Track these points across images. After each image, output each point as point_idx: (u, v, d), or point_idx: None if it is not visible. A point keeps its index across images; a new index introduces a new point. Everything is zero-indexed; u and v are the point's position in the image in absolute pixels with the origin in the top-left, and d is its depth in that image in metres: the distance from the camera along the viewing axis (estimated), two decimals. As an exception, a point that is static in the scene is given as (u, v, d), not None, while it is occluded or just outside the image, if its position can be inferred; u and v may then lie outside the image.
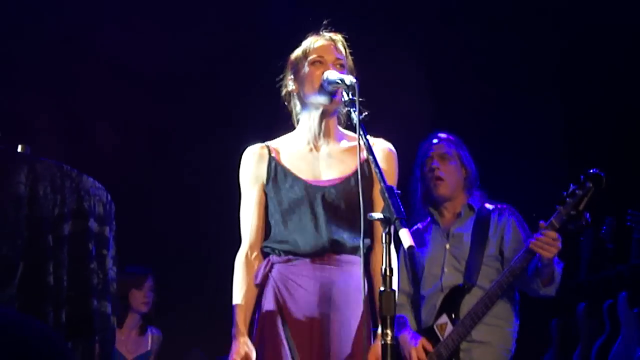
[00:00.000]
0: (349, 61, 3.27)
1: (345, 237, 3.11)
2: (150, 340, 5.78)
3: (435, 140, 4.32)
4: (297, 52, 3.27)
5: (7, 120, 5.27)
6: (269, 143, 3.30)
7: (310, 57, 3.19)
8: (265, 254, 3.22)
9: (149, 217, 6.03)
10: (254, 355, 3.04)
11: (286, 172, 3.18)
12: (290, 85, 3.29)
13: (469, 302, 4.04)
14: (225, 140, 3.81)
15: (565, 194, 3.87)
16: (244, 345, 3.05)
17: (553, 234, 3.79)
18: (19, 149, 2.72)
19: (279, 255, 3.15)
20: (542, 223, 3.82)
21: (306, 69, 3.19)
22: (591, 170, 3.85)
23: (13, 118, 5.44)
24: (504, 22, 6.27)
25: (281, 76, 3.33)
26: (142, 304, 5.72)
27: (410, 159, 4.36)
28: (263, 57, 4.97)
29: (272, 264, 3.16)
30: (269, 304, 3.11)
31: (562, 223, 3.83)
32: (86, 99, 5.99)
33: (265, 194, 3.22)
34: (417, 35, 6.27)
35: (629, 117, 6.21)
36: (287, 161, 3.22)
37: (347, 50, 3.28)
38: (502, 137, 6.08)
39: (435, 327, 4.09)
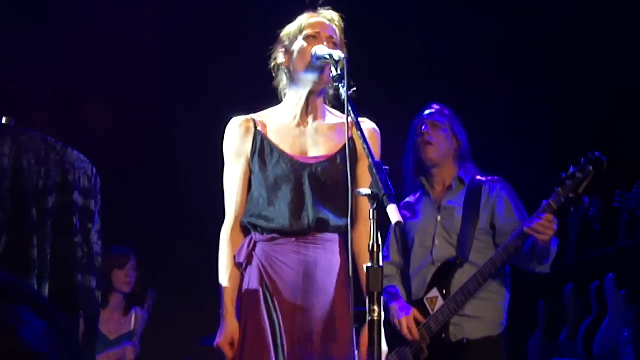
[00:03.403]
0: (342, 41, 3.24)
1: (330, 216, 3.09)
2: (133, 320, 5.75)
3: (427, 111, 4.31)
4: (291, 27, 3.24)
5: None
6: (254, 116, 3.25)
7: (305, 32, 3.16)
8: (245, 230, 3.19)
9: (133, 195, 6.00)
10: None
11: (272, 147, 3.15)
12: (280, 58, 3.25)
13: (460, 277, 4.05)
14: (212, 116, 3.78)
15: (563, 175, 3.85)
16: (231, 330, 3.04)
17: (549, 217, 3.78)
18: (3, 120, 2.69)
19: (262, 233, 3.12)
20: (544, 203, 3.82)
21: (300, 43, 3.16)
22: (593, 154, 3.84)
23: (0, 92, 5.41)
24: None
25: (271, 48, 3.30)
26: (124, 283, 5.71)
27: (396, 139, 4.35)
28: (250, 30, 4.95)
29: (255, 243, 3.13)
30: (253, 283, 3.08)
31: (560, 205, 3.83)
32: (74, 75, 5.95)
33: (250, 168, 3.19)
34: (405, 13, 6.24)
35: (618, 97, 6.21)
36: (273, 136, 3.18)
37: (342, 31, 3.26)
38: (488, 115, 6.06)
39: (425, 300, 4.09)
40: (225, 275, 3.12)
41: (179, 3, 6.16)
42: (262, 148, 3.16)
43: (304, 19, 3.22)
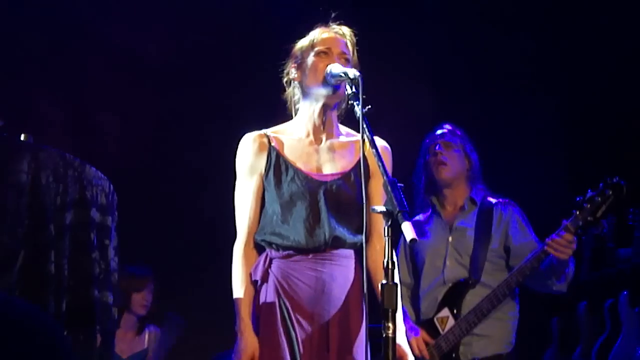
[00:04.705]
0: (354, 57, 3.25)
1: (345, 232, 3.09)
2: (147, 338, 5.73)
3: (440, 131, 4.34)
4: (304, 42, 3.24)
5: (11, 110, 5.27)
6: (267, 131, 3.24)
7: (317, 48, 3.16)
8: (259, 247, 3.18)
9: (148, 211, 6.01)
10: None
11: (287, 164, 3.14)
12: (292, 73, 3.25)
13: (471, 298, 4.06)
14: (228, 133, 3.79)
15: (581, 199, 3.86)
16: (251, 345, 3.02)
17: (569, 237, 3.79)
18: (22, 137, 2.72)
19: (277, 250, 3.11)
20: (563, 223, 3.83)
21: (311, 59, 3.16)
22: (612, 179, 3.84)
23: (17, 108, 5.44)
24: (505, 19, 6.26)
25: (283, 62, 3.31)
26: (141, 306, 5.68)
27: (410, 157, 4.36)
28: (263, 45, 4.97)
29: (271, 260, 3.12)
30: (269, 300, 3.07)
31: (578, 228, 3.83)
32: (89, 90, 5.98)
33: (263, 185, 3.18)
34: (419, 32, 6.26)
35: (630, 114, 6.20)
36: (288, 152, 3.18)
37: (354, 46, 3.25)
38: (501, 135, 6.07)
39: (435, 320, 4.10)
40: (240, 291, 3.10)
41: (193, 19, 6.19)
42: (276, 164, 3.15)
43: (316, 34, 3.21)
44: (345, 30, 3.25)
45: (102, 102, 6.03)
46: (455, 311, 4.07)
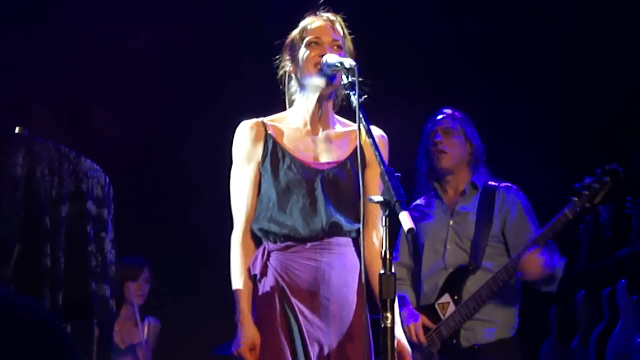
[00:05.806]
0: (348, 42, 3.23)
1: (343, 220, 3.08)
2: (146, 330, 5.76)
3: (439, 116, 4.33)
4: (294, 33, 3.22)
5: (5, 104, 5.27)
6: (264, 119, 3.22)
7: (307, 38, 3.14)
8: (256, 237, 3.16)
9: (144, 204, 6.00)
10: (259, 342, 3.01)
11: (284, 152, 3.13)
12: (287, 66, 3.24)
13: (471, 283, 4.07)
14: (222, 123, 3.78)
15: (578, 185, 3.86)
16: (251, 334, 3.01)
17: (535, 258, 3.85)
18: (17, 130, 2.70)
19: (275, 242, 3.10)
20: (561, 211, 3.85)
21: (302, 50, 3.14)
22: (610, 165, 3.85)
23: (11, 102, 5.43)
24: (504, 7, 6.25)
25: (278, 57, 3.29)
26: (137, 296, 5.73)
27: (406, 147, 4.35)
28: (257, 37, 4.96)
29: (269, 252, 3.11)
30: (269, 292, 3.06)
31: (576, 214, 3.84)
32: (83, 82, 5.96)
33: (260, 173, 3.16)
34: (415, 21, 6.25)
35: (628, 103, 6.20)
36: (285, 141, 3.17)
37: (346, 31, 3.22)
38: (498, 123, 6.06)
39: (436, 305, 4.11)
40: (239, 281, 3.09)
41: (185, 12, 6.17)
42: (273, 152, 3.14)
43: (305, 23, 3.19)
44: (336, 17, 3.22)
45: (96, 94, 6.02)
46: (456, 297, 4.08)
